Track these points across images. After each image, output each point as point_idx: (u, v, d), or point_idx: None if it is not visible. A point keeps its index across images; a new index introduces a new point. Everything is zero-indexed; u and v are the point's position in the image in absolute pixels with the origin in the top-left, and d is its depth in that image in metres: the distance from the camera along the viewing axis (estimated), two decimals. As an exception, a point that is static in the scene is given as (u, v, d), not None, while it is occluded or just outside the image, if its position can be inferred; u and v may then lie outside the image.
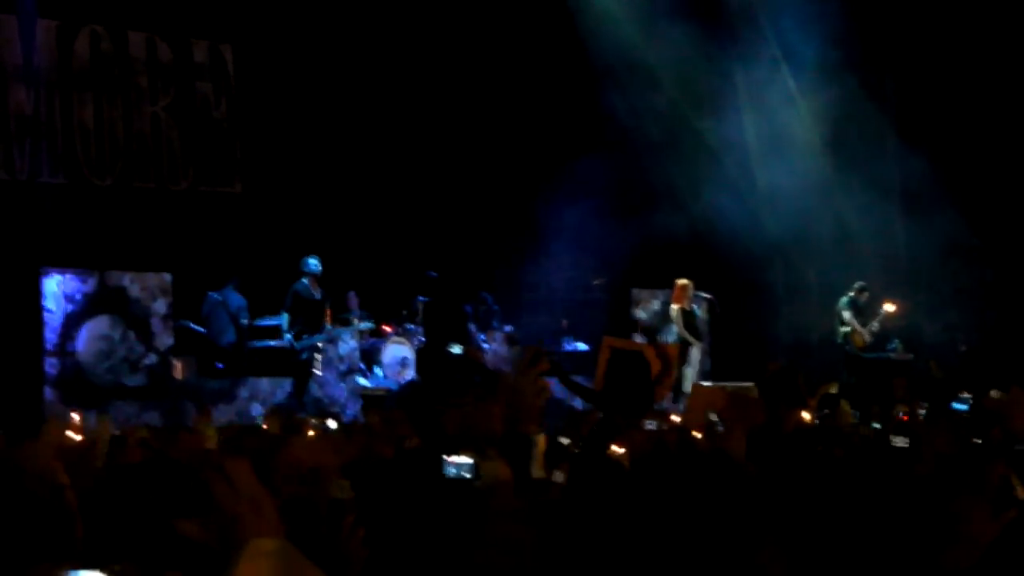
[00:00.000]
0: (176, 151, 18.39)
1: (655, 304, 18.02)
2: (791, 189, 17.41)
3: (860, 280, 17.18)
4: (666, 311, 16.97)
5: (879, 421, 8.43)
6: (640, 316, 18.19)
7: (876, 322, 17.05)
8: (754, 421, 5.54)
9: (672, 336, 16.44)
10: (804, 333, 18.12)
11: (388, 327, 17.49)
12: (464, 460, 3.76)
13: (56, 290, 15.49)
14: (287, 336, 16.05)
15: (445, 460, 3.75)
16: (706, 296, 16.97)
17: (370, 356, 17.24)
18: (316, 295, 16.15)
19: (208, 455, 6.35)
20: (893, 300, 17.01)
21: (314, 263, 16.12)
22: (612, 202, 18.09)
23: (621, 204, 18.23)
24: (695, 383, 15.56)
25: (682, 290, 16.62)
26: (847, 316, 17.12)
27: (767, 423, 5.53)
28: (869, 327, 17.06)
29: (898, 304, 17.01)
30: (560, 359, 15.89)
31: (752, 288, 18.47)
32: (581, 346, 17.90)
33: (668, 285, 16.93)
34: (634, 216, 17.94)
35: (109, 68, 17.91)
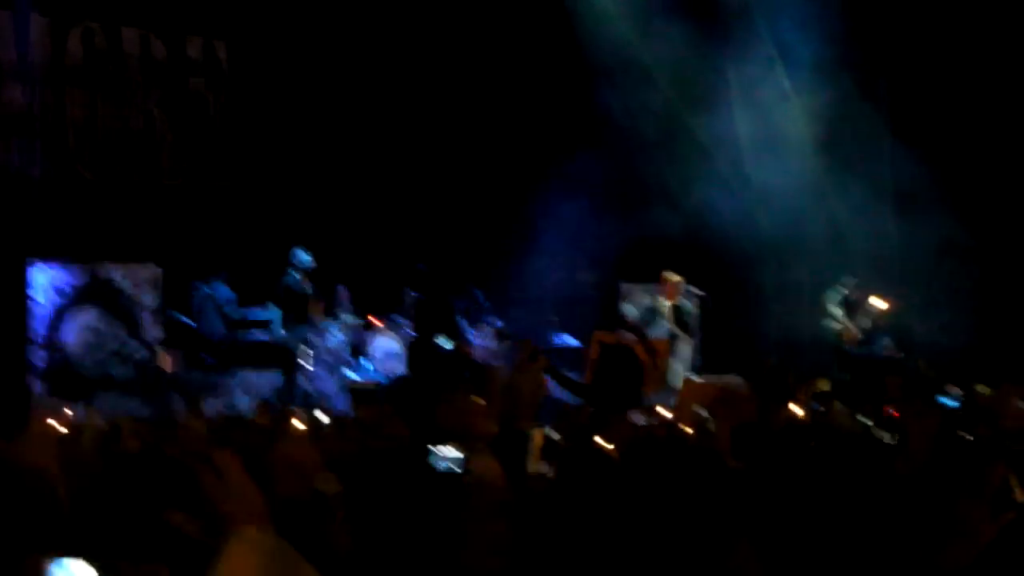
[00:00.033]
0: (169, 146, 18.39)
1: (645, 299, 18.00)
2: (784, 187, 17.40)
3: (851, 277, 17.19)
4: (655, 305, 16.97)
5: (869, 417, 8.42)
6: (628, 311, 18.16)
7: (866, 318, 17.06)
8: (743, 417, 5.54)
9: (662, 331, 16.43)
10: (795, 331, 18.10)
11: (377, 321, 17.49)
12: (454, 454, 3.76)
13: (45, 282, 15.47)
14: (279, 329, 16.03)
15: (434, 453, 3.75)
16: (698, 292, 16.96)
17: (359, 349, 17.24)
18: (307, 289, 16.14)
19: (198, 447, 6.35)
20: (884, 297, 17.02)
21: (305, 257, 16.11)
22: (604, 198, 18.09)
23: (613, 200, 18.22)
24: (686, 378, 15.57)
25: (673, 285, 16.63)
26: (837, 312, 17.12)
27: (757, 419, 5.52)
28: (859, 323, 17.07)
29: (889, 302, 17.02)
30: (550, 354, 15.87)
31: (743, 285, 18.46)
32: (571, 341, 17.89)
33: (657, 280, 16.89)
34: (626, 213, 17.94)
35: (103, 64, 17.90)
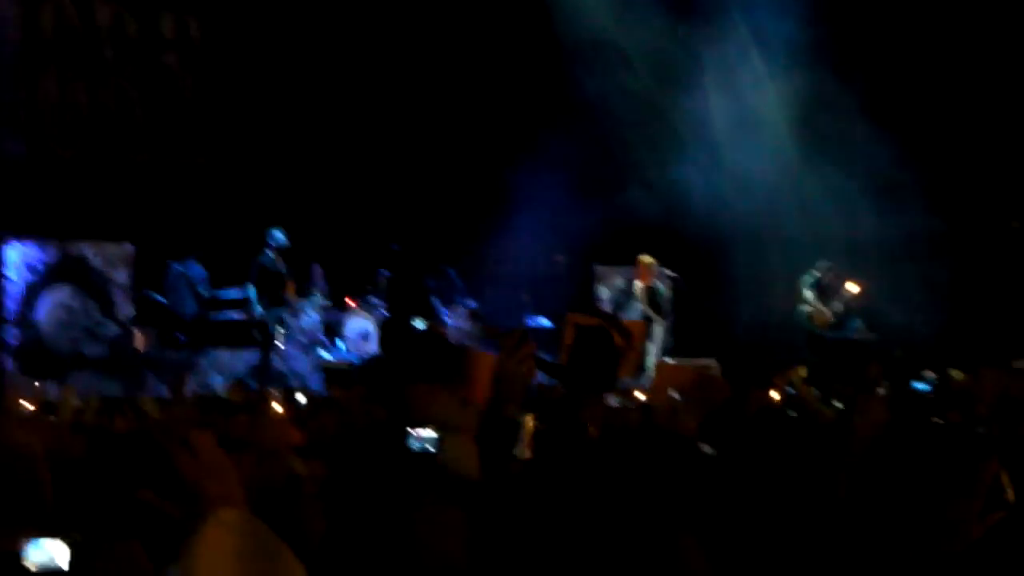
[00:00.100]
0: (141, 123, 18.30)
1: (618, 281, 18.00)
2: (758, 171, 17.43)
3: (825, 261, 17.24)
4: (629, 288, 16.98)
5: (841, 401, 8.44)
6: (602, 293, 18.18)
7: (839, 302, 17.12)
8: (716, 401, 5.54)
9: (635, 313, 16.45)
10: (767, 313, 18.15)
11: (352, 301, 17.46)
12: (428, 434, 3.76)
13: (17, 260, 15.40)
14: (257, 308, 16.01)
15: (409, 433, 3.74)
16: (671, 274, 16.99)
17: (333, 329, 17.21)
18: (281, 269, 16.11)
19: (176, 428, 6.35)
20: (857, 281, 17.08)
21: (280, 236, 16.09)
22: (578, 179, 18.06)
23: (587, 181, 18.19)
24: (659, 360, 15.61)
25: (646, 268, 16.65)
26: (809, 295, 17.18)
27: (729, 403, 5.52)
28: (832, 307, 17.12)
29: (862, 285, 17.08)
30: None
31: (716, 267, 18.47)
32: (544, 322, 17.87)
33: (632, 262, 16.93)
34: (600, 194, 17.92)
35: (74, 40, 17.78)
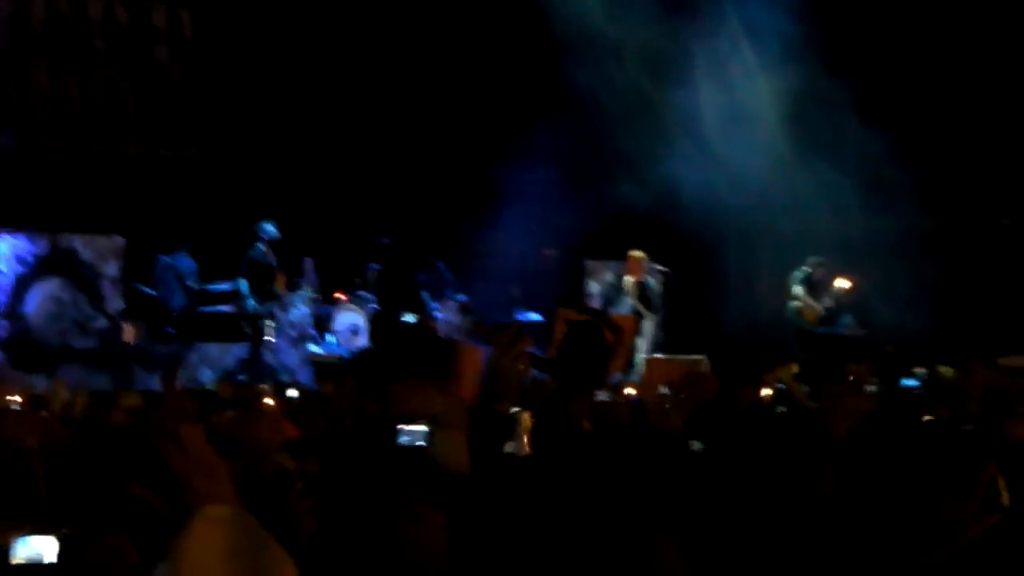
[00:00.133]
0: (132, 115, 18.26)
1: (608, 276, 17.99)
2: (750, 166, 17.40)
3: (816, 257, 17.23)
4: (619, 283, 16.97)
5: (818, 396, 8.43)
6: (592, 288, 18.17)
7: (829, 298, 17.11)
8: (706, 397, 5.54)
9: (625, 308, 16.43)
10: (757, 309, 18.16)
11: (341, 294, 17.45)
12: (418, 428, 3.75)
13: (7, 252, 15.36)
14: (249, 302, 16.00)
15: (399, 428, 3.74)
16: (662, 269, 16.97)
17: (322, 323, 17.19)
18: (271, 262, 16.10)
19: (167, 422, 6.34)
20: (848, 276, 17.08)
21: (271, 229, 16.08)
22: (568, 173, 18.07)
23: (577, 175, 18.20)
24: (649, 356, 15.60)
25: (637, 262, 16.63)
26: (799, 291, 17.17)
27: (719, 399, 5.51)
28: (822, 303, 17.12)
29: (853, 281, 17.08)
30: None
31: (707, 262, 18.49)
32: (533, 316, 17.86)
33: (622, 257, 16.92)
34: (590, 187, 17.92)
35: (66, 32, 17.74)
